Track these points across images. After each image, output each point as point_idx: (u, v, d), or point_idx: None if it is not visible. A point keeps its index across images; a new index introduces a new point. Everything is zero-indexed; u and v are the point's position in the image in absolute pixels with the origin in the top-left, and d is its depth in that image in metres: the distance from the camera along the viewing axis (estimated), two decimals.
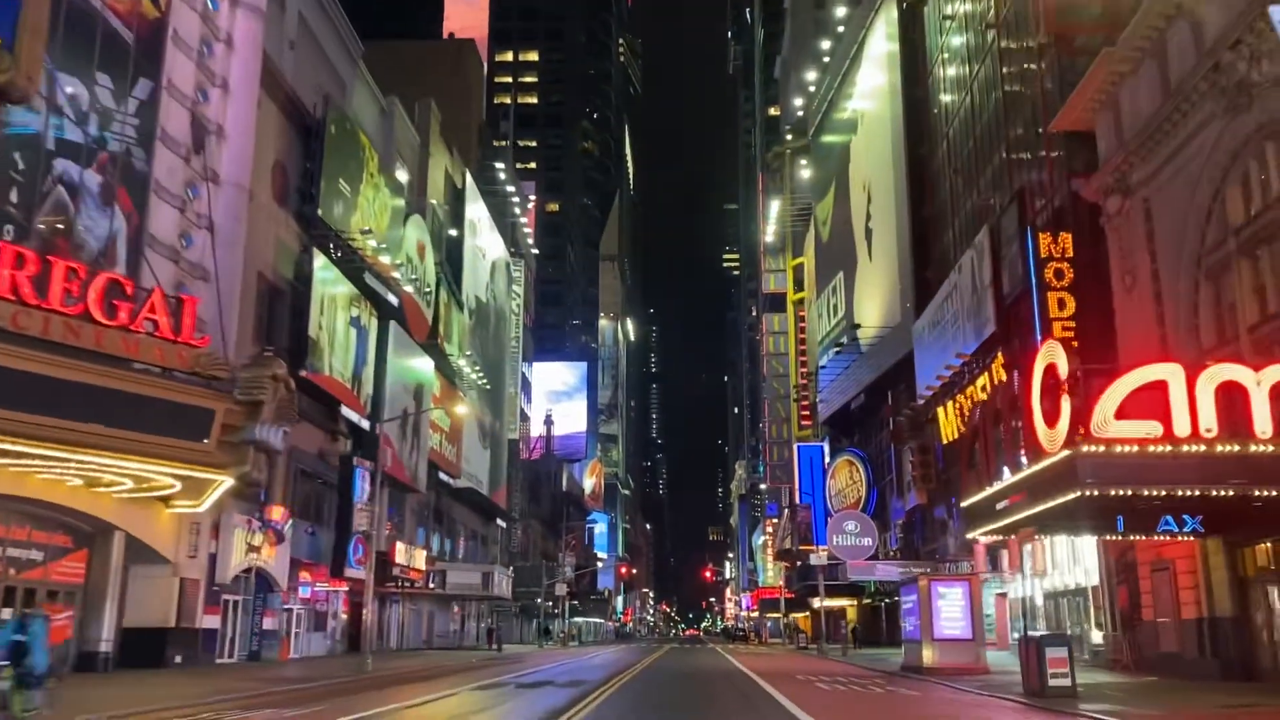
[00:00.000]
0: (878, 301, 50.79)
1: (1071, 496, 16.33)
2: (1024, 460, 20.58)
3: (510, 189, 73.51)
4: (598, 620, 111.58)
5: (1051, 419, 16.94)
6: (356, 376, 39.16)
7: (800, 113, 72.30)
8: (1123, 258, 25.48)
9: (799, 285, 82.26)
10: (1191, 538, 20.04)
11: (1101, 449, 15.84)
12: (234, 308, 30.01)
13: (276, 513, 32.44)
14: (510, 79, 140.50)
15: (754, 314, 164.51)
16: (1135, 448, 15.93)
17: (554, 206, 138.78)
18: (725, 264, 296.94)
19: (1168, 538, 19.59)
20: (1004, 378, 30.14)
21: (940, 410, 37.04)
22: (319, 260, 35.42)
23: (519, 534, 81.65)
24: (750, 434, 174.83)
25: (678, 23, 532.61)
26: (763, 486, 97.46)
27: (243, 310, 31.16)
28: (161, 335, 21.37)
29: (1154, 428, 16.08)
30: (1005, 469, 22.24)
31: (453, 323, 51.54)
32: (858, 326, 48.91)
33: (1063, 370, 16.33)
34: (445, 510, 56.63)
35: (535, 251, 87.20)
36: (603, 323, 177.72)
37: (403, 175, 47.95)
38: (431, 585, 47.43)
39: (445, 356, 50.63)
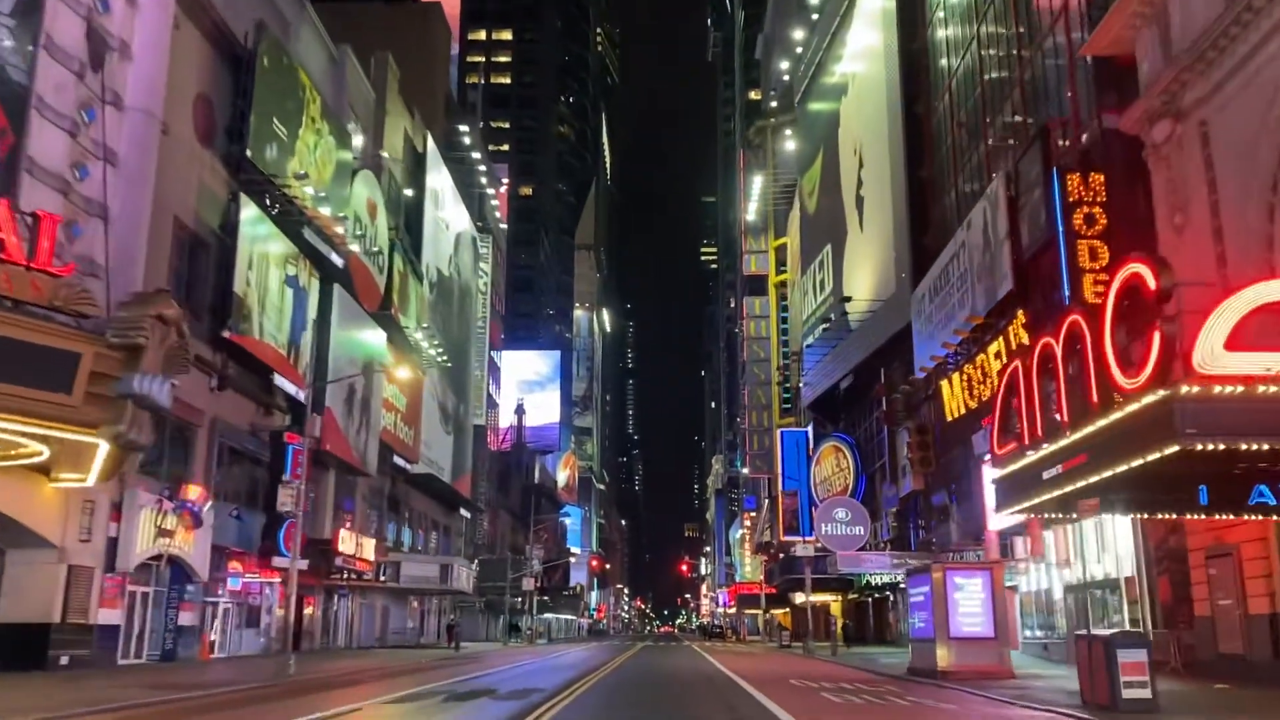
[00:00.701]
0: (869, 273, 47.14)
1: (1160, 453, 12.59)
2: (1058, 425, 16.97)
3: (477, 157, 69.38)
4: (569, 617, 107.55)
5: (1130, 359, 13.24)
6: (294, 344, 35.06)
7: (786, 77, 68.48)
8: (1172, 193, 21.81)
9: (781, 267, 78.68)
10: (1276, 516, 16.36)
11: (1211, 391, 12.09)
12: (138, 253, 25.92)
13: (193, 492, 28.35)
14: (483, 58, 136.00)
15: (732, 305, 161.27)
16: (1270, 388, 12.21)
17: (527, 191, 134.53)
18: (704, 257, 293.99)
19: (1258, 516, 15.89)
20: (1024, 339, 26.45)
21: (944, 384, 33.37)
22: (248, 208, 31.32)
23: (485, 526, 77.62)
24: (728, 428, 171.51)
25: (657, 17, 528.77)
26: (744, 471, 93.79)
27: (153, 259, 27.03)
28: (9, 258, 17.26)
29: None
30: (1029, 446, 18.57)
31: (410, 293, 47.47)
32: (848, 299, 45.23)
33: (1153, 288, 12.56)
34: (402, 498, 52.55)
35: (504, 227, 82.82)
36: (578, 313, 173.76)
37: (357, 135, 43.82)
38: (383, 578, 43.38)
39: (400, 330, 46.51)
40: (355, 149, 42.09)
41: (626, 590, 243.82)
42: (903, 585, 44.32)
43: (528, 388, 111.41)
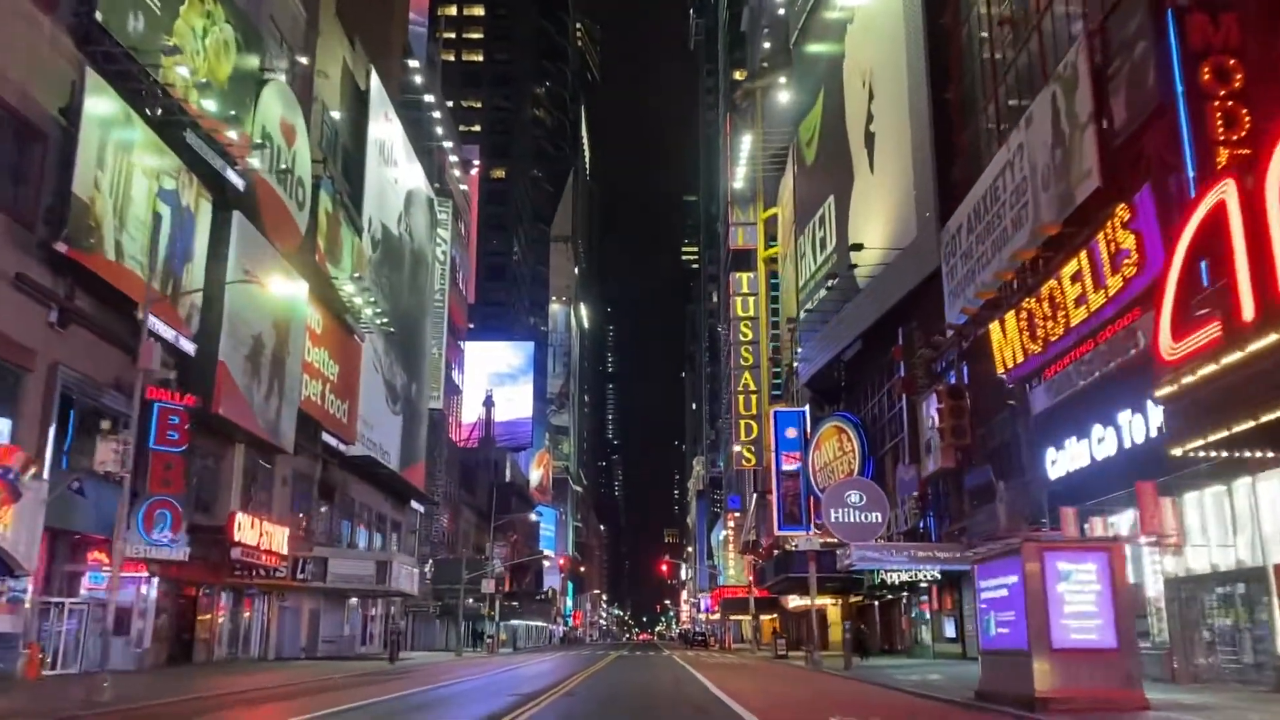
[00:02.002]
0: (882, 220, 40.33)
1: None
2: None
3: (437, 116, 62.23)
4: (540, 623, 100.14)
5: None
6: (173, 276, 27.82)
7: (781, 10, 61.48)
8: None
9: (771, 240, 71.90)
10: None
11: None
12: None
13: (9, 455, 21.09)
14: (454, 34, 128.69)
15: (715, 299, 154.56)
16: None
17: (500, 173, 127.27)
18: (685, 257, 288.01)
19: None
20: (1126, 243, 19.60)
21: (994, 327, 26.48)
22: (99, 92, 24.08)
23: (445, 522, 70.35)
24: (710, 427, 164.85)
25: (638, 16, 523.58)
26: (731, 463, 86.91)
27: None
28: None
29: None
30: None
31: (343, 241, 40.28)
32: (857, 247, 38.24)
33: None
34: (338, 485, 45.23)
35: (466, 189, 75.55)
36: (554, 306, 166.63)
37: (280, 58, 36.65)
38: (302, 576, 36.10)
39: (330, 283, 39.30)
40: (274, 66, 34.95)
41: (604, 597, 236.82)
42: (925, 583, 37.51)
43: (498, 380, 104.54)
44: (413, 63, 58.52)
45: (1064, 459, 24.08)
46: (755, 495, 72.50)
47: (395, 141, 52.72)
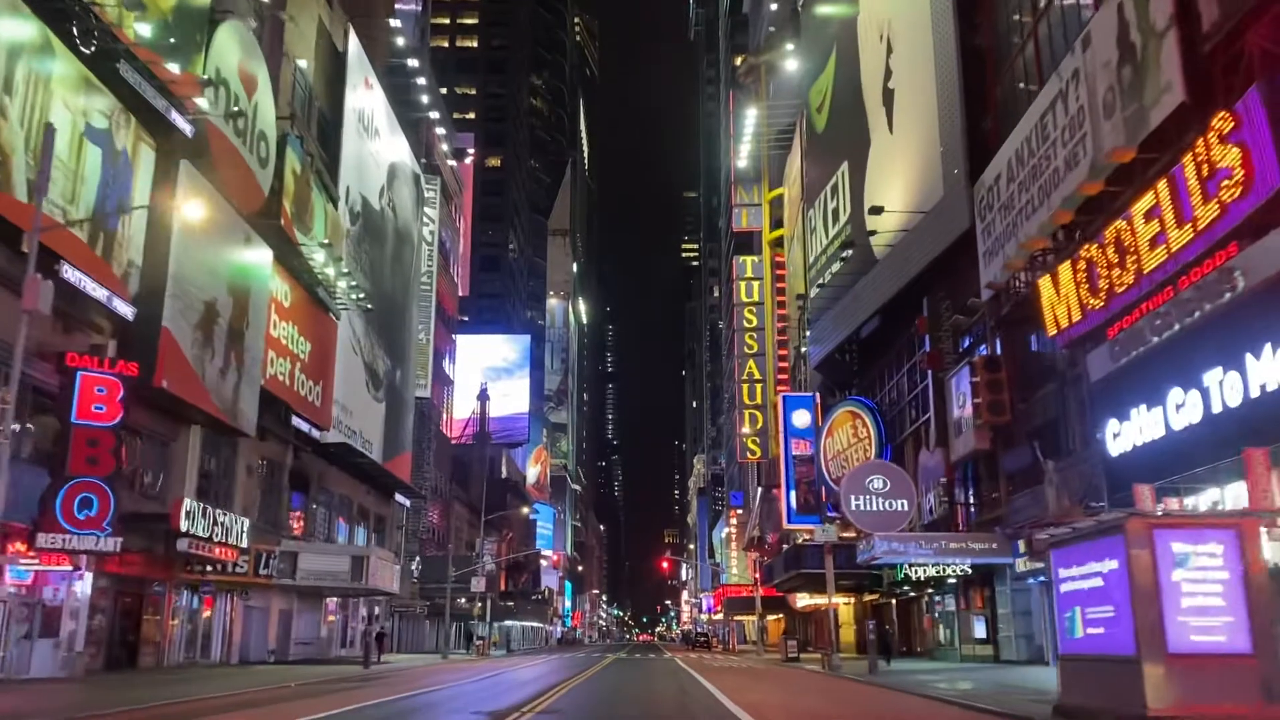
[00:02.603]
0: (903, 183, 36.95)
1: None
2: None
3: (422, 83, 58.88)
4: (536, 624, 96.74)
5: None
6: (105, 229, 24.42)
7: None
8: None
9: (776, 224, 68.50)
10: None
11: None
12: None
13: None
14: (448, 20, 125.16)
15: (715, 293, 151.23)
16: None
17: (495, 162, 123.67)
18: (684, 254, 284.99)
19: None
20: (1225, 160, 16.19)
21: (1045, 283, 23.07)
22: (5, 9, 20.71)
23: (434, 518, 67.01)
24: (711, 425, 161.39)
25: (635, 24, 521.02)
26: (734, 458, 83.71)
27: None
28: None
29: None
30: None
31: (314, 209, 36.86)
32: (878, 209, 34.80)
33: None
34: (313, 475, 41.88)
35: (454, 165, 72.21)
36: (552, 301, 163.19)
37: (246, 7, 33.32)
38: (266, 571, 32.67)
39: (299, 253, 35.89)
40: (231, 7, 31.53)
41: (604, 597, 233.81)
42: (954, 578, 34.07)
43: (494, 374, 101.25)
44: (394, 23, 55.07)
45: (1129, 431, 20.74)
46: (760, 490, 69.14)
47: (377, 110, 49.36)
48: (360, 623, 50.35)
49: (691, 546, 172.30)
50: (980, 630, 33.49)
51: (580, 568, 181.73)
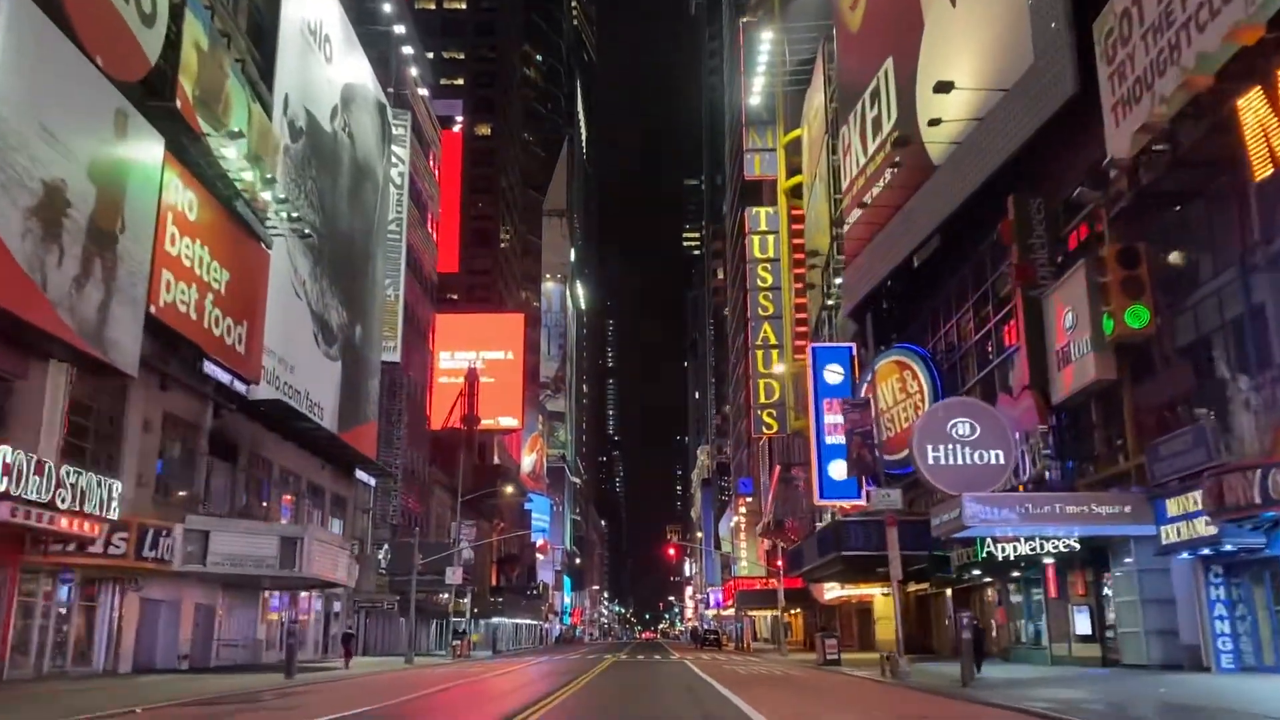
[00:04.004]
0: (972, 61, 29.30)
1: None
2: None
3: (390, 9, 51.25)
4: (531, 621, 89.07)
5: None
6: None
7: None
8: None
9: (792, 171, 60.87)
10: None
11: None
12: None
13: None
14: None
15: (720, 275, 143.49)
16: None
17: (485, 130, 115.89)
18: (686, 243, 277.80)
19: None
20: None
21: (1248, 102, 15.41)
22: None
23: (411, 504, 59.39)
24: (715, 412, 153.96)
25: (633, 13, 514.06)
26: (743, 441, 76.12)
27: None
28: None
29: None
30: None
31: (232, 102, 29.17)
32: (946, 86, 27.03)
33: None
34: (243, 441, 34.26)
35: (457, 153, 64.38)
36: (548, 284, 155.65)
37: None
38: (152, 552, 24.99)
39: (207, 150, 28.19)
40: None
41: (605, 593, 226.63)
42: (1050, 557, 26.32)
43: (484, 355, 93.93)
44: None
45: None
46: (778, 469, 61.46)
47: (332, 22, 41.89)
48: (322, 621, 42.84)
49: (698, 534, 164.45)
50: (1083, 625, 25.84)
51: (580, 562, 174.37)
